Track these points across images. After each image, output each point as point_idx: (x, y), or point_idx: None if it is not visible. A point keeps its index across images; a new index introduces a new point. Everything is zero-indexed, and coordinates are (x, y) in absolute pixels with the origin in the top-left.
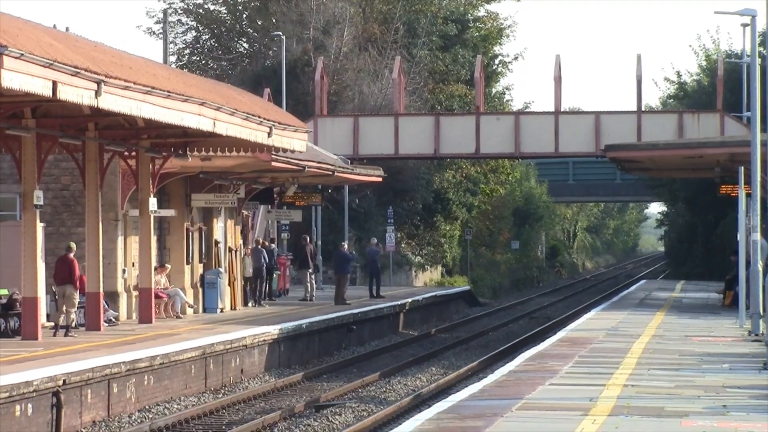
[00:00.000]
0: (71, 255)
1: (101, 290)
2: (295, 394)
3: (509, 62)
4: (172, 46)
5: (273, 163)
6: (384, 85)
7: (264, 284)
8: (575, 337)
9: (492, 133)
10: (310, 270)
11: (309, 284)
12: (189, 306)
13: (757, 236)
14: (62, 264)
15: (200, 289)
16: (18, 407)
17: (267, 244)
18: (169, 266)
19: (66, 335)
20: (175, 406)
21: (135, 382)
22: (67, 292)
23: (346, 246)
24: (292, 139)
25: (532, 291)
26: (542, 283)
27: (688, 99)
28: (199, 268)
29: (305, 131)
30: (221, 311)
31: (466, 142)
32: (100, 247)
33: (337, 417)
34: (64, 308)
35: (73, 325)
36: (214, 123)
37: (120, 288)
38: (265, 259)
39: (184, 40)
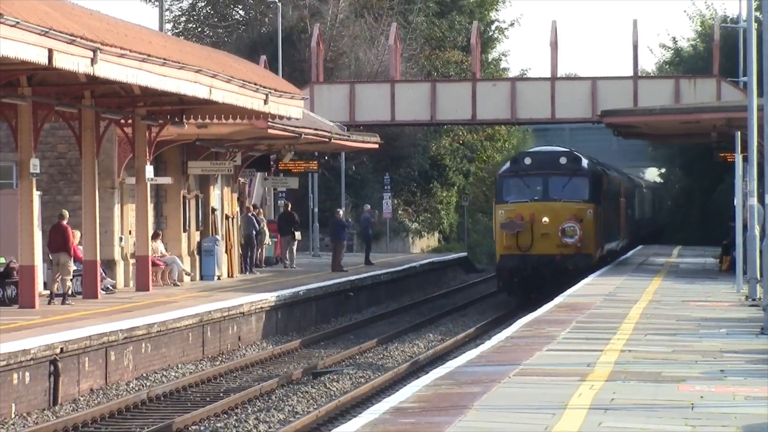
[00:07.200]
0: (64, 222)
1: (98, 258)
2: (293, 361)
3: (505, 28)
4: (167, 13)
5: (269, 131)
6: (380, 52)
7: (255, 251)
8: (572, 303)
9: (488, 99)
10: (289, 237)
11: (288, 252)
12: (186, 273)
13: (754, 201)
14: (56, 232)
15: (197, 257)
16: (16, 375)
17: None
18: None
19: (63, 303)
20: (173, 374)
21: (132, 350)
22: (62, 260)
23: (341, 213)
24: (289, 106)
25: None
26: None
27: (684, 64)
28: (196, 236)
29: (301, 98)
30: (218, 278)
31: (462, 108)
32: (97, 215)
33: (334, 384)
34: (59, 276)
35: (70, 293)
36: (210, 90)
37: (117, 256)
38: (254, 226)
39: (180, 7)
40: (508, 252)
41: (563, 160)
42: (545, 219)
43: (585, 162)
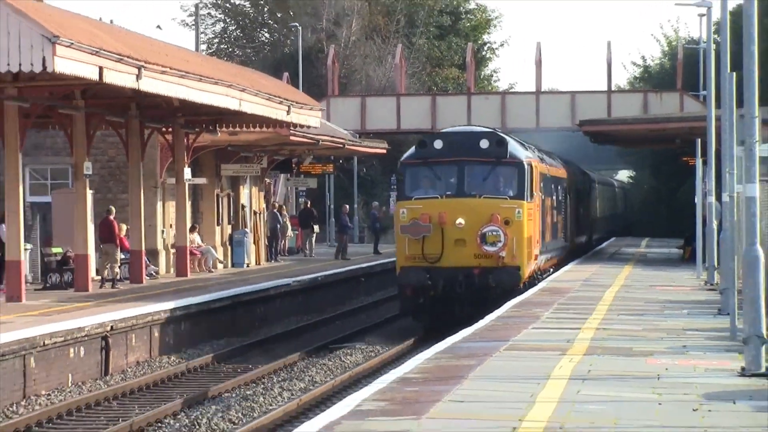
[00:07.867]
0: (111, 217)
1: (143, 248)
2: (313, 338)
3: (496, 49)
4: (202, 36)
5: (291, 137)
6: (387, 70)
7: (279, 242)
8: (555, 287)
9: (481, 110)
10: (309, 230)
11: (308, 242)
12: (219, 262)
13: (713, 199)
14: (104, 225)
15: (229, 247)
16: (72, 350)
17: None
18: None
19: (113, 287)
20: (208, 348)
21: (173, 328)
22: (109, 250)
23: (348, 208)
24: (308, 117)
25: None
26: None
27: (652, 80)
28: (228, 229)
29: (319, 109)
30: (247, 266)
31: (458, 118)
32: (142, 211)
33: (348, 357)
34: (108, 264)
35: (119, 278)
36: (240, 103)
37: (159, 246)
38: (278, 220)
39: (214, 30)
40: (411, 263)
41: (485, 144)
42: (460, 221)
43: (514, 146)
